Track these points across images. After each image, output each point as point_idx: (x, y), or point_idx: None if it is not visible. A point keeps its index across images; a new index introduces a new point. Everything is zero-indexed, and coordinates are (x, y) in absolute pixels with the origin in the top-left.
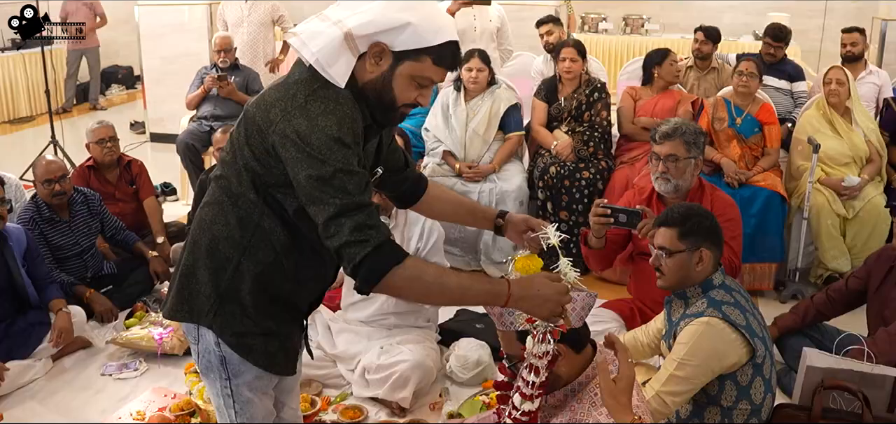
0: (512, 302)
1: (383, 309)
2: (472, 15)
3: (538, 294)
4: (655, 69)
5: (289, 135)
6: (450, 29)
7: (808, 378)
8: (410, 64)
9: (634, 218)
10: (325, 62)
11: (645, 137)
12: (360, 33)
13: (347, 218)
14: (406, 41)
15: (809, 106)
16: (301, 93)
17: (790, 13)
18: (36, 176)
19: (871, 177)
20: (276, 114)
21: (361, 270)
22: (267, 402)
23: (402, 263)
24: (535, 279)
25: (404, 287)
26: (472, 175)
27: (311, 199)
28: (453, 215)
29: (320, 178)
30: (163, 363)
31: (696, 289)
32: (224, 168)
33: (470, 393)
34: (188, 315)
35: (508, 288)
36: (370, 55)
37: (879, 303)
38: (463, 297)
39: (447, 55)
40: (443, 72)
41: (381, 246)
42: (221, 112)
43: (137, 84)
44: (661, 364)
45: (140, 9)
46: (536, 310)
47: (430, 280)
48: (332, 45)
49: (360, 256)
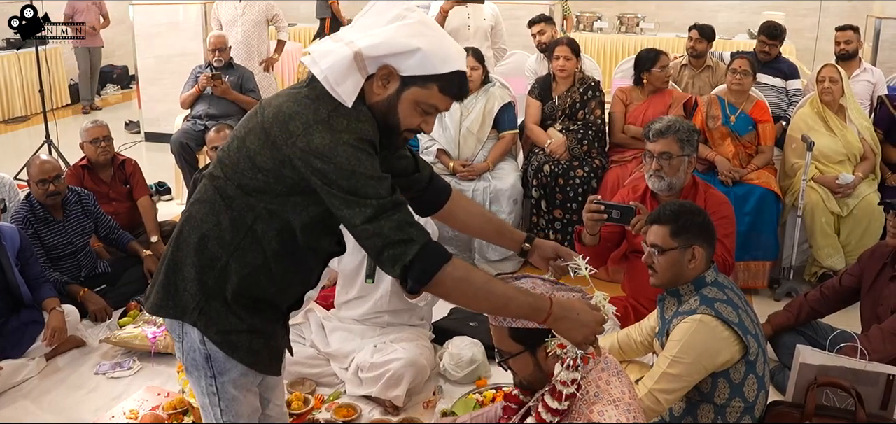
0: (551, 321)
1: (377, 307)
2: (466, 13)
3: (577, 318)
4: (645, 75)
5: (312, 149)
6: (458, 59)
7: (801, 375)
8: (417, 89)
9: (628, 213)
10: (333, 80)
11: (636, 145)
12: (370, 54)
13: (386, 219)
14: (414, 66)
15: (803, 104)
16: (324, 108)
17: (785, 12)
18: (30, 175)
19: (865, 175)
20: (297, 126)
21: (413, 271)
22: (252, 399)
23: (451, 262)
24: (576, 303)
25: (453, 288)
26: (466, 173)
27: (344, 204)
28: (479, 230)
29: (351, 188)
30: (156, 362)
31: (689, 287)
32: (222, 168)
33: (463, 391)
34: (173, 311)
35: (550, 305)
36: (378, 77)
37: (873, 301)
38: (506, 306)
39: (454, 84)
40: (448, 101)
41: (426, 245)
42: (216, 111)
43: (132, 83)
44: (655, 361)
45: (134, 8)
46: (573, 333)
47: (478, 284)
48: (341, 63)
49: (409, 256)
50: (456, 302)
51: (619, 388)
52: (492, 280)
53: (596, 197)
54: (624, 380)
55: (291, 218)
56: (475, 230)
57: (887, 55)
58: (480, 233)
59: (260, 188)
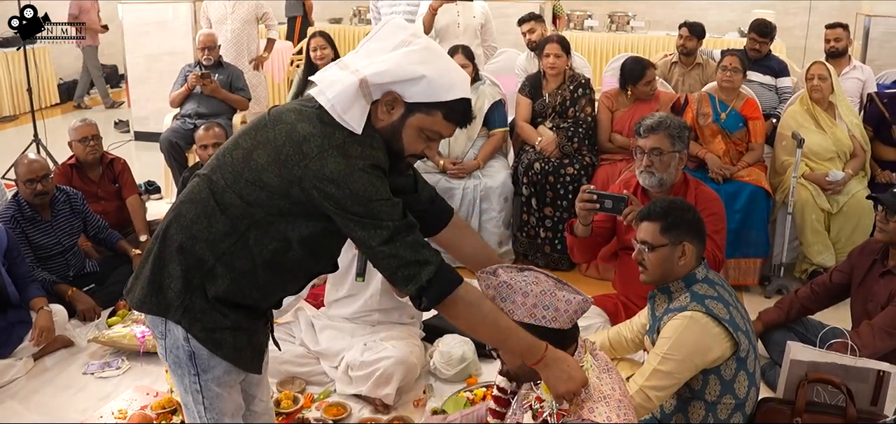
0: (542, 365)
1: (367, 305)
2: (456, 11)
3: (565, 370)
4: (630, 88)
5: (326, 175)
6: (462, 86)
7: (792, 371)
8: (422, 116)
9: (620, 203)
10: (340, 109)
11: (623, 153)
12: (375, 81)
13: (401, 241)
14: (419, 94)
15: (793, 101)
16: (340, 133)
17: (775, 10)
18: (18, 175)
19: (855, 172)
20: (311, 149)
21: (430, 292)
22: (236, 397)
23: (464, 285)
24: (569, 358)
25: (462, 311)
26: (456, 171)
27: (359, 227)
28: (477, 260)
29: (367, 212)
30: (145, 361)
31: (679, 284)
32: (221, 174)
33: (454, 390)
34: (157, 308)
35: (545, 351)
36: (383, 102)
37: (863, 297)
38: (506, 340)
39: (458, 111)
40: (452, 128)
41: (441, 267)
42: (205, 110)
43: (121, 83)
44: (645, 359)
45: (124, 7)
46: (558, 384)
47: (485, 312)
48: (347, 92)
49: (425, 277)
50: (460, 325)
51: (610, 385)
52: (499, 312)
53: (589, 187)
54: (614, 377)
55: (289, 233)
56: (467, 255)
57: (876, 53)
58: (473, 262)
59: (262, 202)
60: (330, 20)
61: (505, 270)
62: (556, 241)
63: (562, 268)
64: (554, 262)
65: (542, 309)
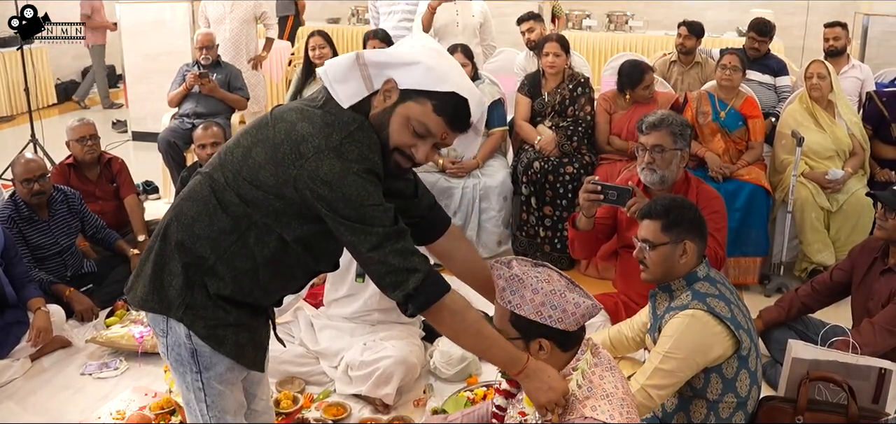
0: (523, 375)
1: (367, 305)
2: (455, 10)
3: (546, 381)
4: (628, 92)
5: (320, 176)
6: (459, 83)
7: (793, 370)
8: (412, 104)
9: (624, 195)
10: (332, 76)
11: (622, 156)
12: (372, 60)
13: (390, 247)
14: (412, 80)
15: (792, 100)
16: (337, 135)
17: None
18: (15, 175)
19: (854, 171)
20: (308, 149)
21: (417, 299)
22: (238, 394)
23: (450, 294)
24: (549, 369)
25: (448, 318)
26: (455, 170)
27: (349, 231)
28: (471, 273)
29: (358, 217)
30: (143, 362)
31: (681, 282)
32: (223, 172)
33: (454, 390)
34: (158, 306)
35: (526, 362)
36: (382, 91)
37: (863, 295)
38: (490, 349)
39: (449, 107)
40: (442, 126)
41: (429, 274)
42: (203, 109)
43: (119, 83)
44: (647, 357)
45: (121, 7)
46: (539, 395)
47: (470, 321)
48: (343, 62)
49: (412, 285)
50: (444, 331)
51: (612, 383)
52: (483, 321)
53: (594, 178)
54: (617, 375)
55: (286, 234)
56: (459, 268)
57: (875, 51)
58: (470, 277)
59: (258, 201)
60: (328, 20)
61: (519, 263)
62: (555, 240)
63: (561, 267)
64: (553, 261)
65: (549, 308)
